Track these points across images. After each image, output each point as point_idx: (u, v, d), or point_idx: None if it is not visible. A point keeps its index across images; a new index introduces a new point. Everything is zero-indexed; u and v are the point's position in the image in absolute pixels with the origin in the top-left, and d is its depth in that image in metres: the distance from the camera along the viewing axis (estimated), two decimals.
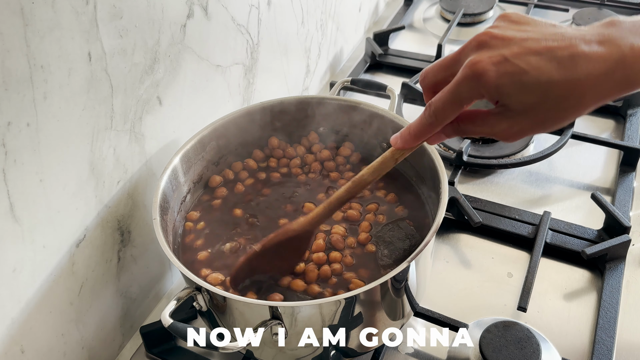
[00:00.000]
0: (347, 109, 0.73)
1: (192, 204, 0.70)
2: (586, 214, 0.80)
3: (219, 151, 0.72)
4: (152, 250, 0.71)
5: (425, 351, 0.66)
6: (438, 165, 0.62)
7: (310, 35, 0.99)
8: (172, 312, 0.51)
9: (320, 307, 0.52)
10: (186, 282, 0.57)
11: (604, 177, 0.87)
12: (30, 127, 0.49)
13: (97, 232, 0.61)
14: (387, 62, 1.11)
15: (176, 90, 0.68)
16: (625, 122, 0.94)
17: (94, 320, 0.64)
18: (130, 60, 0.59)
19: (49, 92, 0.50)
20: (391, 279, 0.52)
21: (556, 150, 0.86)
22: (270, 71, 0.90)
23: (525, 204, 0.83)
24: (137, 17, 0.58)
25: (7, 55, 0.45)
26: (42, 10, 0.47)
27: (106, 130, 0.58)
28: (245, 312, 0.54)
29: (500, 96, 0.43)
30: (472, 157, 0.87)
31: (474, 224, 0.74)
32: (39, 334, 0.56)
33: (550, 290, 0.72)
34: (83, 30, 0.52)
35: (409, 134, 0.49)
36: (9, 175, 0.48)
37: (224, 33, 0.75)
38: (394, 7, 1.33)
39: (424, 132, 0.48)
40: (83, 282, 0.60)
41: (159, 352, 0.66)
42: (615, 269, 0.72)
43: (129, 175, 0.64)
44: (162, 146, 0.68)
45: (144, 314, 0.73)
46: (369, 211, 0.67)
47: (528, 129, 0.45)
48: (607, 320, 0.66)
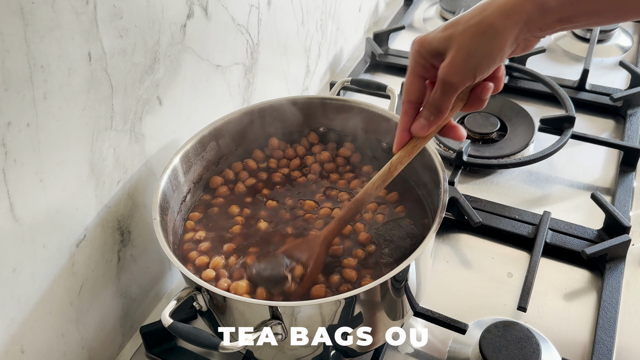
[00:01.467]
0: (347, 109, 0.73)
1: (192, 204, 0.70)
2: (586, 214, 0.80)
3: (219, 151, 0.72)
4: (152, 250, 0.71)
5: (425, 351, 0.66)
6: (438, 165, 0.62)
7: (310, 35, 0.99)
8: (172, 312, 0.51)
9: (320, 307, 0.52)
10: (186, 282, 0.57)
11: (604, 177, 0.87)
12: (30, 127, 0.49)
13: (97, 232, 0.61)
14: (387, 62, 1.11)
15: (176, 90, 0.68)
16: (625, 122, 0.94)
17: (94, 321, 0.64)
18: (130, 60, 0.59)
19: (49, 92, 0.50)
20: (391, 278, 0.52)
21: (556, 150, 0.86)
22: (270, 71, 0.90)
23: (525, 204, 0.83)
24: (137, 17, 0.58)
25: (7, 55, 0.45)
26: (42, 10, 0.47)
27: (106, 130, 0.58)
28: (245, 312, 0.54)
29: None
30: (472, 157, 0.87)
31: (474, 224, 0.74)
32: (38, 334, 0.56)
33: (550, 290, 0.72)
34: (83, 30, 0.52)
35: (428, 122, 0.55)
36: (9, 175, 0.48)
37: (224, 33, 0.75)
38: (394, 7, 1.33)
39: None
40: (83, 282, 0.61)
41: (159, 352, 0.66)
42: (615, 269, 0.72)
43: (129, 175, 0.64)
44: (162, 146, 0.68)
45: (144, 314, 0.73)
46: (368, 210, 0.67)
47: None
48: (607, 320, 0.66)
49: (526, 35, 0.49)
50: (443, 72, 0.51)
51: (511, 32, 0.49)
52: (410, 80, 0.55)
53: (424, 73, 0.54)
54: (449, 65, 0.50)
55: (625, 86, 1.02)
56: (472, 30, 0.49)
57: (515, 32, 0.49)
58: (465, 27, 0.50)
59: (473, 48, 0.49)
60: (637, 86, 0.97)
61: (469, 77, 0.51)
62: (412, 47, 0.54)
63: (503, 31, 0.48)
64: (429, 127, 0.54)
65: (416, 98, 0.55)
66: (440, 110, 0.53)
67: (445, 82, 0.51)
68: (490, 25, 0.49)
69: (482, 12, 0.49)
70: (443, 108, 0.53)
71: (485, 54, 0.50)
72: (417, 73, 0.54)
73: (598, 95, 0.99)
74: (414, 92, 0.55)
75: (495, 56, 0.50)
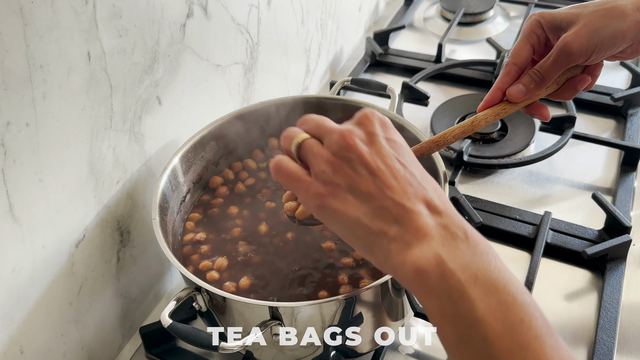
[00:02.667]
0: (347, 108, 0.73)
1: (192, 204, 0.70)
2: (587, 214, 0.80)
3: (219, 151, 0.72)
4: (151, 251, 0.71)
5: (425, 351, 0.66)
6: (438, 165, 0.62)
7: (310, 34, 0.99)
8: (171, 312, 0.51)
9: (320, 307, 0.52)
10: (186, 282, 0.57)
11: (605, 177, 0.87)
12: (30, 127, 0.49)
13: (96, 232, 0.61)
14: (387, 62, 1.11)
15: (176, 90, 0.68)
16: (626, 122, 0.94)
17: (93, 321, 0.63)
18: (130, 60, 0.59)
19: (48, 91, 0.50)
20: (391, 279, 0.52)
21: (557, 150, 0.86)
22: (270, 71, 0.90)
23: (525, 204, 0.83)
24: (136, 17, 0.58)
25: (6, 55, 0.45)
26: (42, 9, 0.47)
27: (105, 130, 0.58)
28: (245, 312, 0.54)
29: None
30: (472, 157, 0.87)
31: (475, 224, 0.74)
32: (38, 334, 0.56)
33: (550, 290, 0.71)
34: (82, 30, 0.52)
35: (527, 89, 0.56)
36: (9, 175, 0.48)
37: (223, 33, 0.74)
38: (394, 6, 1.33)
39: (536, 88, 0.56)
40: (82, 282, 0.60)
41: (158, 352, 0.66)
42: (615, 269, 0.72)
43: (128, 175, 0.64)
44: (161, 146, 0.68)
45: (144, 314, 0.72)
46: None
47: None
48: (608, 320, 0.66)
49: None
50: (564, 41, 0.53)
51: (638, 25, 0.53)
52: (521, 45, 0.57)
53: (536, 44, 0.57)
54: (573, 35, 0.53)
55: (626, 86, 1.01)
56: (603, 12, 0.53)
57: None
58: (596, 8, 0.54)
59: (600, 26, 0.53)
60: (637, 86, 0.96)
61: (587, 52, 0.53)
62: (529, 17, 0.57)
63: (632, 20, 0.52)
64: (526, 93, 0.56)
65: (522, 63, 0.57)
66: (543, 79, 0.55)
67: (564, 50, 0.53)
68: (622, 12, 0.53)
69: (616, 2, 0.53)
70: (547, 78, 0.55)
71: (610, 35, 0.53)
72: (530, 41, 0.57)
73: (599, 95, 0.99)
74: (522, 57, 0.57)
75: (618, 40, 0.53)
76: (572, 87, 0.58)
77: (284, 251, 0.63)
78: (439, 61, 1.09)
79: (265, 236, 0.65)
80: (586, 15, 0.54)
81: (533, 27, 0.57)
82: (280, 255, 0.63)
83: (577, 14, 0.54)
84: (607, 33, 0.53)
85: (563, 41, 0.54)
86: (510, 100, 0.57)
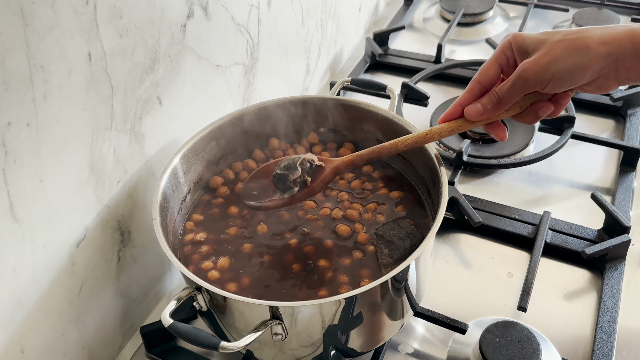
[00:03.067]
0: (347, 109, 0.73)
1: (192, 204, 0.70)
2: (586, 214, 0.80)
3: (219, 151, 0.72)
4: (152, 250, 0.71)
5: (425, 351, 0.66)
6: (438, 165, 0.62)
7: (310, 35, 0.99)
8: (172, 312, 0.51)
9: (320, 307, 0.52)
10: (186, 282, 0.57)
11: (604, 177, 0.87)
12: (30, 127, 0.49)
13: (97, 232, 0.61)
14: (387, 62, 1.11)
15: (176, 90, 0.68)
16: (625, 122, 0.94)
17: (93, 321, 0.64)
18: (130, 60, 0.59)
19: (49, 92, 0.50)
20: (391, 278, 0.52)
21: (556, 150, 0.86)
22: (270, 71, 0.90)
23: (525, 204, 0.83)
24: (137, 17, 0.58)
25: (7, 55, 0.45)
26: (42, 10, 0.47)
27: (106, 130, 0.58)
28: (245, 312, 0.54)
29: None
30: (472, 157, 0.87)
31: (474, 224, 0.74)
32: (38, 334, 0.56)
33: (550, 290, 0.72)
34: (83, 30, 0.52)
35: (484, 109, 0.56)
36: (9, 175, 0.48)
37: (224, 33, 0.75)
38: (394, 7, 1.33)
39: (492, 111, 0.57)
40: (83, 282, 0.60)
41: (159, 352, 0.66)
42: (615, 269, 0.72)
43: (128, 175, 0.64)
44: (162, 146, 0.68)
45: (144, 314, 0.73)
46: (368, 210, 0.67)
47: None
48: (607, 320, 0.66)
49: (611, 72, 0.52)
50: (523, 67, 0.53)
51: (601, 61, 0.51)
52: (489, 64, 0.57)
53: (504, 64, 0.56)
54: (532, 62, 0.52)
55: (625, 86, 1.02)
56: (567, 42, 0.52)
57: (604, 62, 0.51)
58: (562, 38, 0.52)
59: (561, 57, 0.51)
60: (637, 86, 0.97)
61: (544, 81, 0.52)
62: (505, 37, 0.57)
63: (594, 55, 0.51)
64: (483, 114, 0.56)
65: (486, 82, 0.57)
66: (501, 102, 0.55)
67: (521, 76, 0.53)
68: (585, 46, 0.51)
69: (583, 33, 0.52)
70: (504, 101, 0.55)
71: (569, 67, 0.51)
72: (498, 61, 0.56)
73: (598, 95, 0.99)
74: (488, 76, 0.57)
75: (576, 74, 0.52)
76: (534, 112, 0.57)
77: (283, 251, 0.63)
78: (439, 61, 1.09)
79: (265, 236, 0.65)
80: (551, 43, 0.52)
81: (504, 47, 0.56)
82: (280, 255, 0.63)
83: (544, 40, 0.53)
84: (566, 65, 0.51)
85: (522, 67, 0.53)
86: (466, 119, 0.57)
